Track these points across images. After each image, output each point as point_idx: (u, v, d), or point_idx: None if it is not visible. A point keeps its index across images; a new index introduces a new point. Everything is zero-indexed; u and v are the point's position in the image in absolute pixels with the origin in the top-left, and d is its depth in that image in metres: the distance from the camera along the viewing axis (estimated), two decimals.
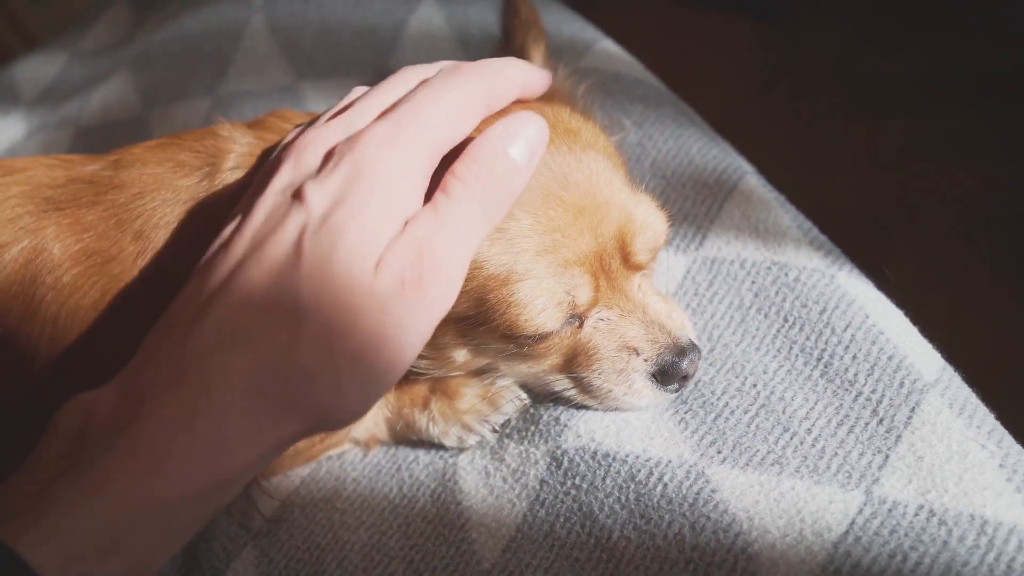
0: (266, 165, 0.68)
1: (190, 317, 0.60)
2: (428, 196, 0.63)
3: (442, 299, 0.62)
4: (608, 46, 1.09)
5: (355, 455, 0.85)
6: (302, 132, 0.68)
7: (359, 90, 0.73)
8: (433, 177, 0.64)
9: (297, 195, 0.61)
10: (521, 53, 0.83)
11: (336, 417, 0.62)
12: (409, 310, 0.60)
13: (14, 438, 0.86)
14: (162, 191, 0.79)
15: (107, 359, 0.79)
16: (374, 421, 0.84)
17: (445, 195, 0.62)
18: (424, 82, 0.68)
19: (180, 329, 0.60)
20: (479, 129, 0.67)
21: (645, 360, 0.73)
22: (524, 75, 0.72)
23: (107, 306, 0.78)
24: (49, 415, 0.83)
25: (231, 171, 0.77)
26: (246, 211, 0.64)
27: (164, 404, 0.56)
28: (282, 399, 0.58)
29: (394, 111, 0.65)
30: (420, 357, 0.76)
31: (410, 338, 0.61)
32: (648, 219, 0.72)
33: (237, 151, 0.78)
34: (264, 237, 0.61)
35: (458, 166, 0.63)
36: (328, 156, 0.63)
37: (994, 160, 2.05)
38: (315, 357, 0.58)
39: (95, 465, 0.55)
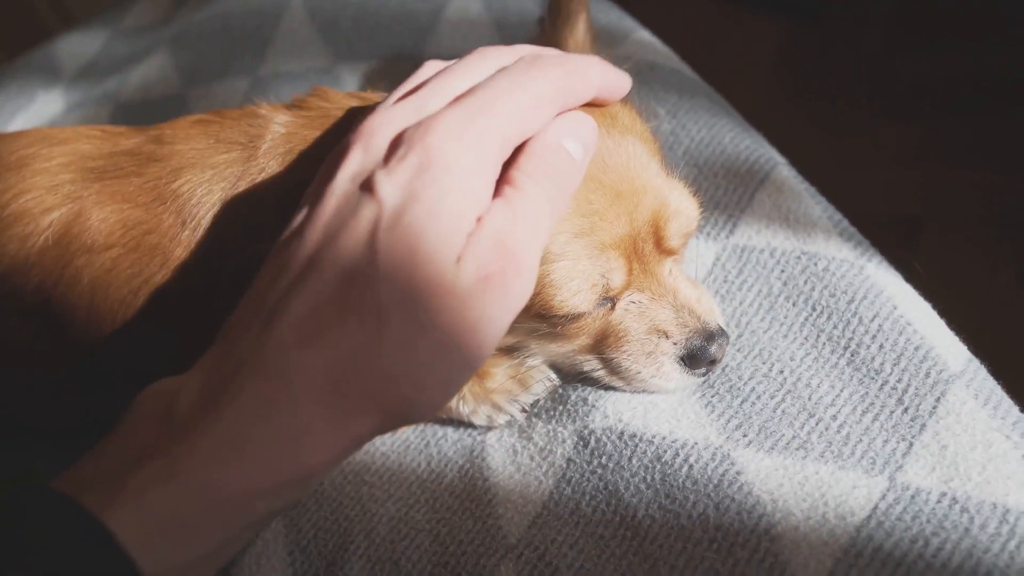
0: (335, 150, 0.67)
1: (269, 310, 0.59)
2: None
3: (523, 291, 0.61)
4: (644, 36, 1.10)
5: None
6: (372, 113, 0.66)
7: (433, 65, 0.71)
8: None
9: (367, 186, 0.60)
10: (566, 18, 0.84)
11: (416, 412, 0.62)
12: (491, 305, 0.59)
13: (52, 399, 0.89)
14: (202, 167, 0.80)
15: (141, 330, 0.81)
16: None
17: (514, 189, 0.62)
18: (502, 70, 0.66)
19: (259, 321, 0.59)
20: None
21: (674, 344, 0.74)
22: (604, 76, 0.71)
23: (143, 279, 0.80)
24: (86, 379, 0.85)
25: (267, 150, 0.78)
26: (315, 199, 0.63)
27: (245, 397, 0.56)
28: (362, 396, 0.58)
29: (469, 98, 0.63)
30: None
31: (492, 332, 0.60)
32: (682, 205, 0.73)
33: (274, 130, 0.79)
34: (337, 230, 0.60)
35: (523, 161, 0.63)
36: (397, 142, 0.62)
37: (1018, 163, 2.04)
38: (396, 356, 0.57)
39: (179, 449, 0.55)
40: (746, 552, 0.65)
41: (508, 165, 0.63)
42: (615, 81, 0.73)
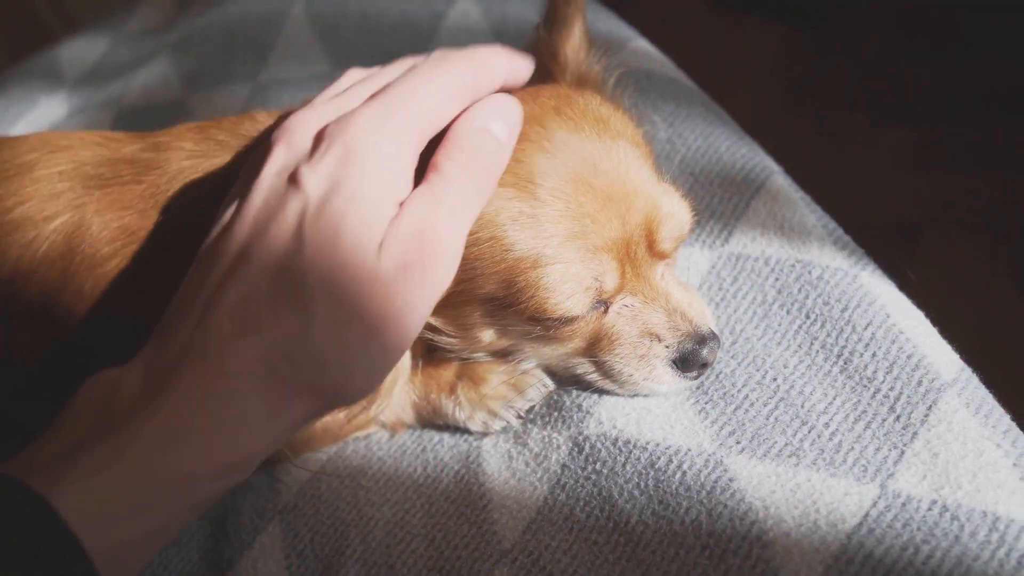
0: (259, 149, 0.70)
1: (204, 301, 0.62)
2: (417, 178, 0.65)
3: (444, 278, 0.64)
4: (642, 44, 1.10)
5: (382, 435, 0.87)
6: (294, 113, 0.69)
7: (355, 73, 0.76)
8: (420, 161, 0.66)
9: (293, 179, 0.63)
10: (561, 25, 0.85)
11: (346, 396, 0.64)
12: (413, 291, 0.62)
13: (50, 403, 0.89)
14: (198, 173, 0.81)
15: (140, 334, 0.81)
16: (401, 406, 0.86)
17: (438, 174, 0.64)
18: (413, 67, 0.70)
19: (196, 312, 0.62)
20: None
21: (666, 347, 0.75)
22: (509, 64, 0.73)
23: (137, 282, 0.81)
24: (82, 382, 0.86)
25: None
26: (243, 195, 0.66)
27: (186, 385, 0.59)
28: (295, 381, 0.61)
29: (384, 94, 0.66)
30: (446, 336, 0.78)
31: (414, 318, 0.63)
32: (674, 208, 0.74)
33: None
34: (265, 222, 0.63)
35: (447, 145, 0.65)
36: (319, 138, 0.65)
37: (1017, 170, 2.04)
38: (326, 342, 0.60)
39: (123, 435, 0.58)
40: (738, 558, 0.65)
41: (433, 152, 0.66)
42: (521, 66, 0.75)
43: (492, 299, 0.72)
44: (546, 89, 0.79)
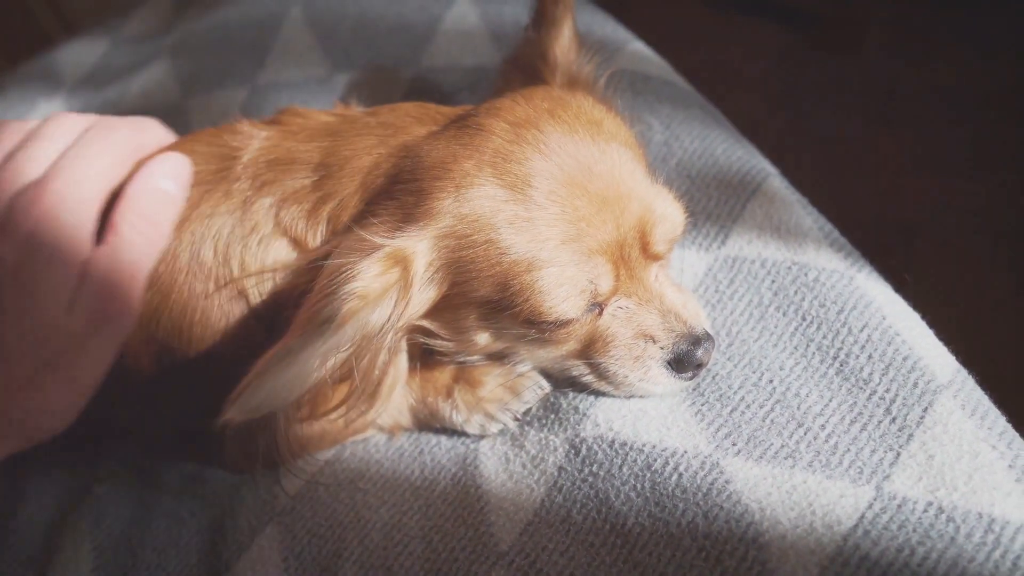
0: None
1: None
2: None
3: (127, 326, 0.73)
4: (639, 47, 1.10)
5: (380, 439, 0.87)
6: None
7: (13, 127, 0.83)
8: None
9: None
10: (551, 25, 0.85)
11: (49, 432, 0.75)
12: (101, 342, 0.71)
13: None
14: None
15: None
16: (399, 409, 0.86)
17: (115, 234, 0.72)
18: (85, 134, 0.79)
19: None
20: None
21: (661, 348, 0.75)
22: (164, 129, 0.85)
23: None
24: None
25: (247, 163, 0.80)
26: None
27: None
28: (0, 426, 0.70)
29: (63, 165, 0.74)
30: (442, 339, 0.78)
31: (103, 363, 0.72)
32: (667, 211, 0.74)
33: (255, 145, 0.81)
34: None
35: (123, 206, 0.74)
36: (11, 208, 0.72)
37: (1014, 171, 2.04)
38: (27, 391, 0.69)
39: None
40: (734, 560, 0.65)
41: (112, 210, 0.74)
42: (170, 136, 0.87)
43: (487, 302, 0.72)
44: (539, 91, 0.79)
